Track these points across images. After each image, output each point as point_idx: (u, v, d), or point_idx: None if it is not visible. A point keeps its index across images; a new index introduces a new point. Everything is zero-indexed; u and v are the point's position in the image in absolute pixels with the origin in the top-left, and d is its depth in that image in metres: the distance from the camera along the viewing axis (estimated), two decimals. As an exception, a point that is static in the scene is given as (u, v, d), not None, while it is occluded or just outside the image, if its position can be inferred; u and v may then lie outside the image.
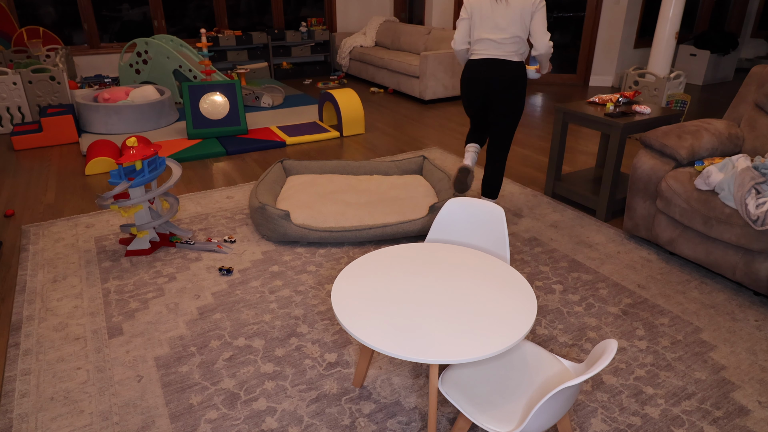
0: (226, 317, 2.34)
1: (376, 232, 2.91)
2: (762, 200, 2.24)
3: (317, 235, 2.90)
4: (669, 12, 4.52)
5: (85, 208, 3.45)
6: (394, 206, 3.10)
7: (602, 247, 2.92)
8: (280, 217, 2.88)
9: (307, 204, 3.07)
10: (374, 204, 3.13)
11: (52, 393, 1.92)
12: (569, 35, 7.17)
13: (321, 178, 3.49)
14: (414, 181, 3.49)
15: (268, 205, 2.91)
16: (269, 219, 2.91)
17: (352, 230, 2.89)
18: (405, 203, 3.14)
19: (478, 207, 1.94)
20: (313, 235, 2.90)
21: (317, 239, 2.92)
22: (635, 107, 3.21)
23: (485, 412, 1.40)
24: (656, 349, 2.13)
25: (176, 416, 1.82)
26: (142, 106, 4.97)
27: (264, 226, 2.96)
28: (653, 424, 1.78)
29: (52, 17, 6.64)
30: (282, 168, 3.56)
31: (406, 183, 3.44)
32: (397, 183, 3.44)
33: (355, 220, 2.97)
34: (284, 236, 2.92)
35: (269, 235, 2.96)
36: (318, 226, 2.92)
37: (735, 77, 7.65)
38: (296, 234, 2.90)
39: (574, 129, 5.15)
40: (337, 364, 2.06)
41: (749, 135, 2.83)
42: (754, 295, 2.49)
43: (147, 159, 2.74)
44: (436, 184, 3.38)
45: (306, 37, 7.84)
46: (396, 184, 3.43)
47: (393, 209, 3.07)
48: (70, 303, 2.44)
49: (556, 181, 3.51)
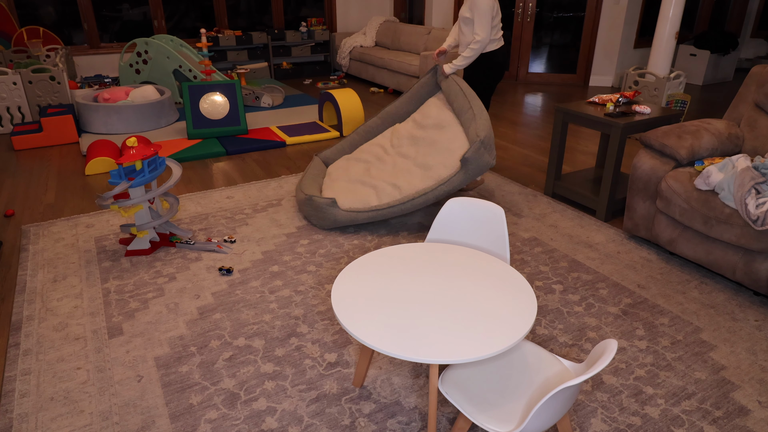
0: (226, 317, 2.34)
1: (418, 201, 2.99)
2: (762, 200, 2.24)
3: (365, 216, 3.01)
4: (669, 12, 4.52)
5: (85, 208, 3.45)
6: (429, 167, 3.21)
7: (602, 247, 2.92)
8: (328, 206, 3.01)
9: (348, 190, 3.21)
10: (410, 171, 3.25)
11: (52, 393, 1.92)
12: (569, 35, 7.17)
13: (353, 159, 3.60)
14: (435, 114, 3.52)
15: (315, 195, 3.06)
16: (318, 209, 3.04)
17: (396, 205, 3.00)
18: (437, 158, 3.22)
19: (478, 207, 1.94)
20: (362, 216, 3.01)
21: (366, 220, 3.02)
22: (635, 107, 3.21)
23: (485, 412, 1.40)
24: (656, 349, 2.13)
25: (176, 416, 1.82)
26: (142, 106, 4.97)
27: (314, 216, 3.08)
28: (653, 424, 1.78)
29: (52, 17, 6.64)
30: (320, 161, 3.66)
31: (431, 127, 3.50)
32: (422, 135, 3.47)
33: (397, 194, 3.10)
34: (335, 222, 3.05)
35: (321, 223, 3.08)
36: (364, 208, 3.04)
37: (735, 77, 7.65)
38: (345, 218, 3.02)
39: (574, 129, 5.15)
40: (337, 364, 2.06)
41: (749, 135, 2.83)
42: (754, 295, 2.49)
43: (147, 159, 2.74)
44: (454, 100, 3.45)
45: (306, 37, 7.84)
46: (420, 137, 3.47)
47: (428, 173, 3.16)
48: (70, 303, 2.45)
49: (556, 181, 3.51)
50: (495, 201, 3.51)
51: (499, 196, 3.60)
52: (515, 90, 6.94)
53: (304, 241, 2.98)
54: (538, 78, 7.44)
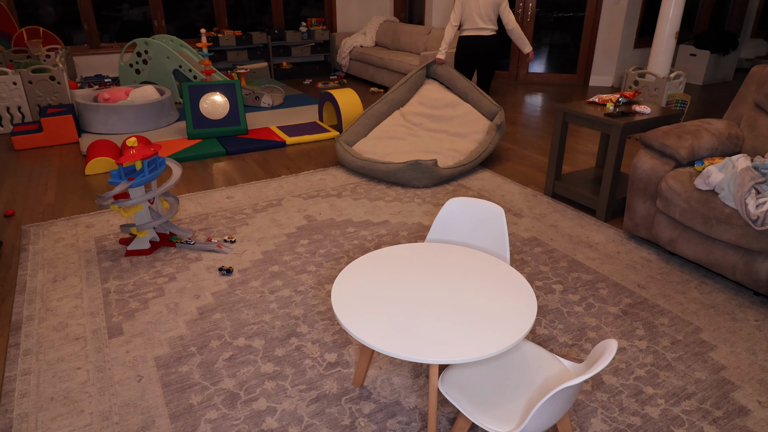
0: (226, 317, 2.34)
1: (483, 155, 3.95)
2: (762, 200, 2.24)
3: (459, 170, 3.81)
4: (669, 12, 4.52)
5: (85, 208, 3.45)
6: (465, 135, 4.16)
7: (602, 247, 2.92)
8: (433, 166, 3.65)
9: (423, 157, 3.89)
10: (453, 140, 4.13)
11: (52, 393, 1.92)
12: (569, 35, 7.17)
13: (385, 138, 4.20)
14: (440, 96, 4.40)
15: (420, 159, 3.61)
16: (424, 170, 3.65)
17: (475, 158, 3.88)
18: (467, 128, 4.18)
19: (478, 207, 1.94)
20: (457, 171, 3.79)
21: (459, 174, 3.84)
22: (635, 107, 3.21)
23: (485, 412, 1.41)
24: (656, 349, 2.13)
25: (176, 416, 1.82)
26: (142, 106, 4.97)
27: (417, 178, 3.67)
28: (653, 424, 1.78)
29: (52, 17, 6.64)
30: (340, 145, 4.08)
31: (443, 107, 4.35)
32: (438, 114, 4.33)
33: (460, 156, 3.93)
34: (439, 179, 3.74)
35: (426, 183, 3.71)
36: (455, 164, 3.79)
37: (735, 77, 7.65)
38: (447, 174, 3.75)
39: (574, 129, 5.15)
40: (337, 364, 2.06)
41: (749, 135, 2.83)
42: (754, 295, 2.49)
43: (147, 159, 2.74)
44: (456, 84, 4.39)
45: (306, 37, 7.84)
46: (437, 115, 4.32)
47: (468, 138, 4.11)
48: (70, 303, 2.45)
49: (556, 181, 3.51)
50: (495, 201, 3.51)
51: (499, 196, 3.60)
52: (515, 90, 6.94)
53: (304, 241, 2.98)
54: (538, 78, 7.44)
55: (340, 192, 3.65)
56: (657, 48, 4.70)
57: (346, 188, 3.72)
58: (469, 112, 4.23)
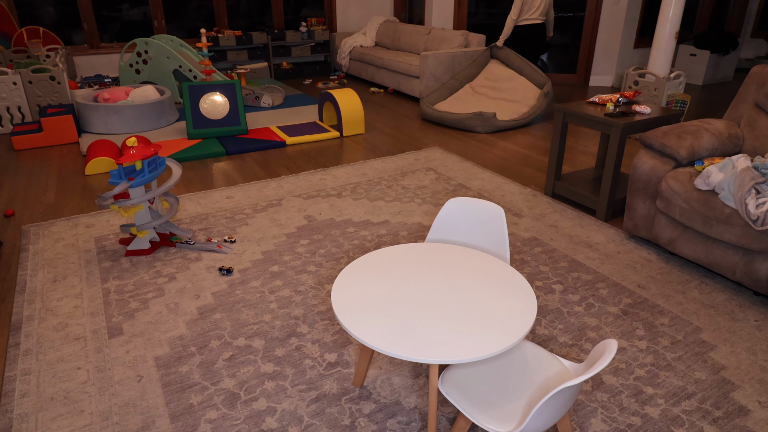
0: (226, 317, 2.34)
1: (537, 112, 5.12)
2: (762, 200, 2.24)
3: (514, 123, 5.00)
4: (669, 12, 4.52)
5: (85, 208, 3.45)
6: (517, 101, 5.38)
7: (602, 247, 2.92)
8: (492, 117, 4.85)
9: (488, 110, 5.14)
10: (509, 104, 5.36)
11: (52, 393, 1.92)
12: (569, 35, 7.17)
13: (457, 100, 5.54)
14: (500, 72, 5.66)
15: (483, 110, 4.69)
16: (485, 120, 4.86)
17: (531, 113, 5.09)
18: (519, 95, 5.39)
19: (478, 207, 1.94)
20: (512, 123, 4.99)
21: (516, 125, 5.05)
22: (635, 107, 3.21)
23: (485, 412, 1.41)
24: (656, 349, 2.13)
25: (176, 416, 1.82)
26: (142, 106, 4.97)
27: (480, 125, 4.90)
28: (653, 424, 1.78)
29: (52, 17, 6.64)
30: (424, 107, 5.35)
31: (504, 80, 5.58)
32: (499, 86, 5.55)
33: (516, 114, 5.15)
34: (497, 128, 4.97)
35: (486, 129, 4.94)
36: (511, 118, 5.02)
37: (735, 77, 7.65)
38: (503, 125, 4.96)
39: (574, 129, 5.15)
40: (337, 364, 2.06)
41: (749, 135, 2.83)
42: (754, 295, 2.49)
43: (147, 159, 2.74)
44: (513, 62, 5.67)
45: (306, 37, 7.84)
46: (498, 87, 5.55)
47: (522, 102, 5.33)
48: (70, 303, 2.45)
49: (556, 181, 3.51)
50: (495, 201, 3.51)
51: (499, 196, 3.60)
52: (515, 90, 6.94)
53: (304, 241, 2.98)
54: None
55: (340, 192, 3.66)
56: (657, 48, 4.70)
57: (346, 188, 3.72)
58: (523, 84, 5.41)
